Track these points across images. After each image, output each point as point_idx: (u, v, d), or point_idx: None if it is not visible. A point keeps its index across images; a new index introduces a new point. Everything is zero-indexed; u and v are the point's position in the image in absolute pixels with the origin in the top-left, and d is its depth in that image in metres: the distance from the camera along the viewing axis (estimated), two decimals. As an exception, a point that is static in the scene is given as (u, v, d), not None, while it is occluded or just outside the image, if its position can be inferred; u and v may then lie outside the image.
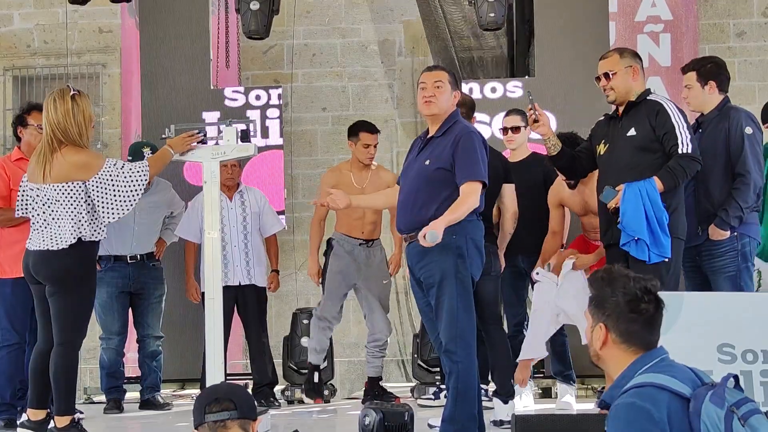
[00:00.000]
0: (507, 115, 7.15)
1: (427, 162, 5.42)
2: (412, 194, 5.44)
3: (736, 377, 3.12)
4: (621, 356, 3.18)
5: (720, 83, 6.22)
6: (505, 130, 7.08)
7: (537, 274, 6.65)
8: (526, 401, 6.92)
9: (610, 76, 5.79)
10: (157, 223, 7.66)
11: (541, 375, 7.91)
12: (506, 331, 6.99)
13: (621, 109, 5.87)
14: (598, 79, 5.90)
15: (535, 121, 5.77)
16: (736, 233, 6.02)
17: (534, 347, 6.60)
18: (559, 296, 6.43)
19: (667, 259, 5.58)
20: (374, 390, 7.42)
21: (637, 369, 3.13)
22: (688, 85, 6.21)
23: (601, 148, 5.90)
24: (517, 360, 6.59)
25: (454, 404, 5.26)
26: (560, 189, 6.72)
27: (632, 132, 5.74)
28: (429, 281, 5.32)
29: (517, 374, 6.56)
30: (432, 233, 5.07)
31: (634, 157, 5.70)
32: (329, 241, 7.45)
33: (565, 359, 7.07)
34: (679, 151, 5.60)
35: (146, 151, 7.42)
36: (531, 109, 5.76)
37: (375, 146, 7.47)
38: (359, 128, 7.47)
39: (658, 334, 3.18)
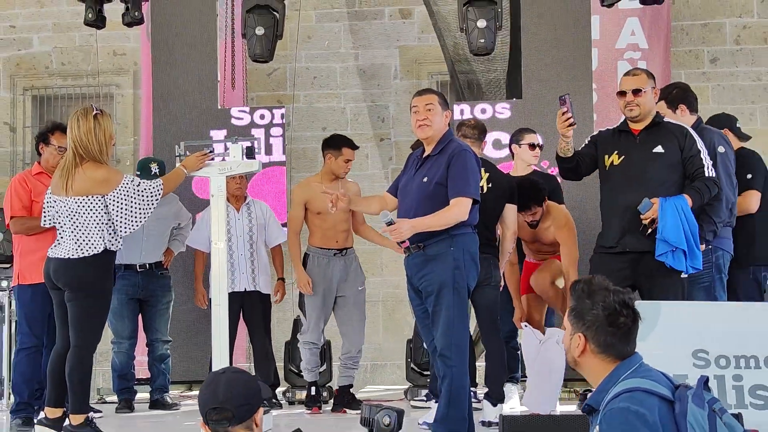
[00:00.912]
0: (531, 132, 7.12)
1: (425, 179, 5.45)
2: (412, 209, 5.46)
3: (707, 379, 3.15)
4: (599, 364, 3.20)
5: (689, 105, 6.27)
6: (532, 146, 7.04)
7: (525, 327, 6.66)
8: (512, 403, 6.93)
9: (640, 93, 5.74)
10: (165, 234, 7.68)
11: (525, 379, 7.92)
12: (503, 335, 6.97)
13: (636, 126, 5.83)
14: (622, 93, 5.82)
15: (572, 124, 5.68)
16: (710, 246, 6.04)
17: (540, 401, 6.50)
18: (544, 349, 6.46)
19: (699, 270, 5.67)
20: (345, 398, 7.33)
21: (620, 375, 3.15)
22: (662, 115, 6.22)
23: (614, 158, 5.82)
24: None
25: (447, 406, 5.28)
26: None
27: (659, 149, 5.70)
28: (428, 290, 5.35)
29: None
30: (403, 227, 5.16)
31: (663, 173, 5.68)
32: (305, 256, 7.32)
33: (514, 364, 7.13)
34: (706, 174, 5.64)
35: (153, 166, 7.47)
36: (567, 111, 5.64)
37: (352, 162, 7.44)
38: (342, 143, 7.39)
39: (635, 343, 3.22)
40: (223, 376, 3.15)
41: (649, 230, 5.59)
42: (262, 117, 9.13)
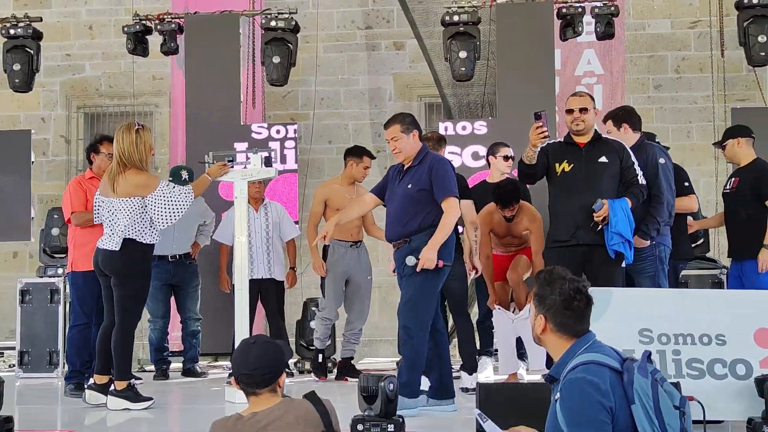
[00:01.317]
0: (505, 145, 7.01)
1: (410, 186, 5.51)
2: (400, 212, 5.55)
3: (650, 354, 3.17)
4: (557, 341, 3.23)
5: (632, 124, 6.26)
6: (506, 158, 6.96)
7: (498, 309, 6.66)
8: (487, 373, 6.94)
9: (586, 111, 5.80)
10: (192, 229, 7.70)
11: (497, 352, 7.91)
12: (479, 316, 7.02)
13: (579, 139, 5.84)
14: (570, 111, 5.86)
15: (546, 137, 5.64)
16: (654, 242, 6.04)
17: (509, 365, 6.64)
18: (518, 326, 6.49)
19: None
20: (347, 368, 7.33)
21: (576, 350, 3.17)
22: (608, 131, 6.22)
23: (565, 166, 5.81)
24: (506, 375, 6.63)
25: (410, 371, 5.38)
26: (492, 218, 6.66)
27: (604, 159, 5.74)
28: (402, 274, 5.47)
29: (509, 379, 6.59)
30: (428, 257, 5.27)
31: (607, 180, 5.73)
32: (324, 247, 7.28)
33: (489, 340, 7.10)
34: (639, 182, 5.74)
35: (183, 172, 7.50)
36: (543, 126, 5.57)
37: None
38: (364, 153, 7.42)
39: (588, 323, 3.24)
40: (254, 345, 3.19)
41: (600, 226, 5.62)
42: (278, 132, 9.14)
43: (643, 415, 2.99)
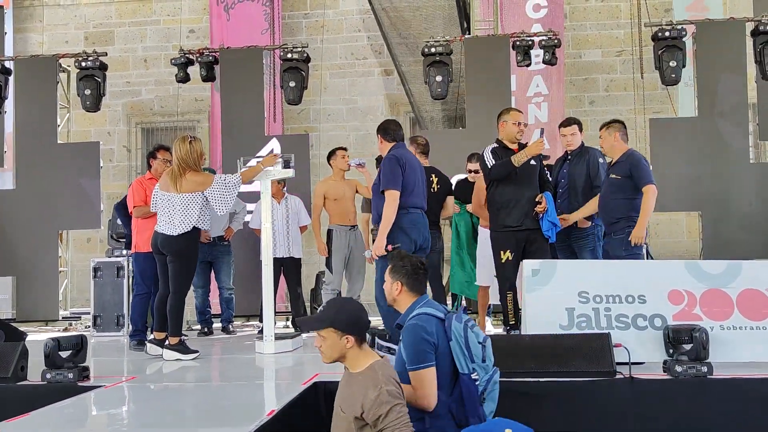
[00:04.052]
0: (471, 160, 6.82)
1: (376, 182, 5.37)
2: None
3: (465, 307, 3.42)
4: (407, 299, 3.58)
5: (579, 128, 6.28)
6: (470, 171, 6.82)
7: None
8: (487, 327, 6.89)
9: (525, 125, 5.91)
10: (224, 218, 7.65)
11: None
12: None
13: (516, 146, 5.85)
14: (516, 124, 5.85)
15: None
16: (593, 223, 6.04)
17: (484, 278, 6.50)
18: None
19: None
20: None
21: (415, 306, 3.54)
22: (573, 133, 6.16)
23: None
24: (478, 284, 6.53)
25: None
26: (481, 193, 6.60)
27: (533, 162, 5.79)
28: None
29: (480, 299, 6.50)
30: (376, 250, 5.09)
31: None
32: (329, 232, 7.20)
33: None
34: (548, 179, 5.87)
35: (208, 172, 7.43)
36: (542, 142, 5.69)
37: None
38: (336, 150, 7.42)
39: (425, 287, 3.66)
40: (350, 301, 3.29)
41: (540, 215, 5.66)
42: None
43: (458, 347, 3.39)
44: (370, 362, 3.07)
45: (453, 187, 6.83)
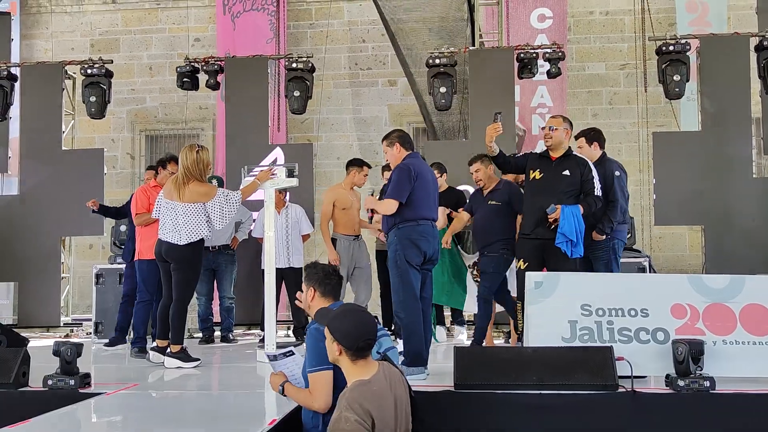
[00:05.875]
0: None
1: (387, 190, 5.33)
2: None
3: (375, 318, 3.48)
4: (320, 305, 3.66)
5: (600, 143, 6.11)
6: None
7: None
8: (461, 338, 6.93)
9: (554, 129, 5.70)
10: (230, 226, 7.65)
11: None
12: None
13: (553, 153, 5.74)
14: (544, 128, 5.82)
15: (500, 133, 5.59)
16: (609, 236, 5.95)
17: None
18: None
19: (579, 257, 5.59)
20: None
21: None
22: (580, 146, 6.08)
23: (536, 174, 5.73)
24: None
25: (406, 342, 5.04)
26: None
27: (567, 173, 5.64)
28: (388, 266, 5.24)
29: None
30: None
31: (567, 188, 5.62)
32: (332, 241, 7.19)
33: (460, 311, 7.10)
34: (594, 193, 5.62)
35: (214, 181, 7.42)
36: (498, 125, 5.56)
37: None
38: (364, 163, 7.38)
39: (339, 293, 3.77)
40: (363, 314, 3.20)
41: (552, 226, 5.57)
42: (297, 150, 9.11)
43: None
44: (353, 380, 3.06)
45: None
